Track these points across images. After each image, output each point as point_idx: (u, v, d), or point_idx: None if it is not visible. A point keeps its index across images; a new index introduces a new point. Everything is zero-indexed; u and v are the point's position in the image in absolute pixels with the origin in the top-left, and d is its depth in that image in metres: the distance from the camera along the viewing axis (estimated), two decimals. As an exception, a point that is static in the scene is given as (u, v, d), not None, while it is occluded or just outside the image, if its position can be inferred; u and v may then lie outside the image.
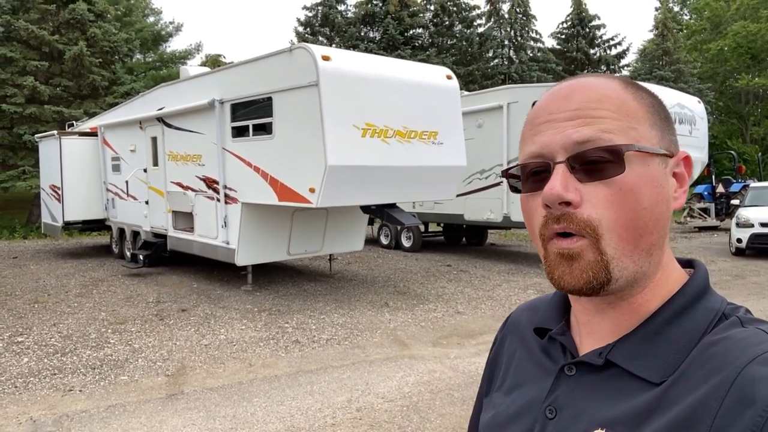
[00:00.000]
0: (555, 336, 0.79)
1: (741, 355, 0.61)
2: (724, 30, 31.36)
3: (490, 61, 30.73)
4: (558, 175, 0.66)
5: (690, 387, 0.62)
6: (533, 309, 0.89)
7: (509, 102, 10.94)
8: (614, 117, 0.67)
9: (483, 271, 10.89)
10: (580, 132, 0.67)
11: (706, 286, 0.72)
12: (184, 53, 30.04)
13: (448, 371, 5.45)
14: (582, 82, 0.71)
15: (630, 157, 0.66)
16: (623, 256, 0.66)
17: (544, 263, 0.71)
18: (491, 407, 0.85)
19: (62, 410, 4.60)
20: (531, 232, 0.73)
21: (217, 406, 4.66)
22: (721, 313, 0.69)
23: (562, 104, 0.69)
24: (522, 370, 0.83)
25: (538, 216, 0.70)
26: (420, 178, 8.13)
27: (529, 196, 0.71)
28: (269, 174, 7.86)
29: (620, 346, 0.70)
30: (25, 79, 17.57)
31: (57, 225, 12.95)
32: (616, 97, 0.69)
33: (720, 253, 13.21)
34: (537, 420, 0.74)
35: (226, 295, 8.70)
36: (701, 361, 0.64)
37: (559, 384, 0.74)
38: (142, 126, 10.92)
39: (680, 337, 0.67)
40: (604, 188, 0.66)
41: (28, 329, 6.95)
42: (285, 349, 6.16)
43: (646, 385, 0.66)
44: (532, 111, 0.74)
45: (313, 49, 7.13)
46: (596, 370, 0.71)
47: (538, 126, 0.71)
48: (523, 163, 0.72)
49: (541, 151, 0.69)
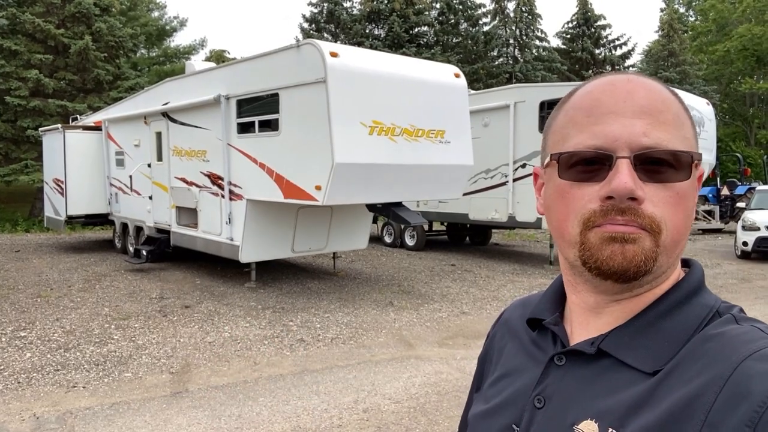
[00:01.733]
0: (548, 325, 0.79)
1: (737, 351, 0.61)
2: (730, 32, 31.22)
3: (495, 59, 30.63)
4: (625, 170, 0.66)
5: (684, 380, 0.62)
6: (526, 304, 0.90)
7: (516, 101, 10.87)
8: (675, 123, 0.69)
9: (487, 271, 10.83)
10: (648, 132, 0.67)
11: (701, 283, 0.73)
12: (189, 48, 29.98)
13: (455, 372, 5.40)
14: (642, 81, 0.70)
15: (693, 166, 0.68)
16: (667, 256, 0.68)
17: (579, 250, 0.69)
18: (482, 401, 0.85)
19: (66, 407, 4.55)
20: (563, 218, 0.71)
21: (222, 404, 4.61)
22: (715, 310, 0.70)
23: (628, 98, 0.68)
24: (512, 361, 0.83)
25: (583, 204, 0.68)
26: (427, 176, 8.07)
27: (573, 185, 0.70)
28: (275, 171, 7.80)
29: (613, 336, 0.70)
30: (30, 72, 17.51)
31: (60, 219, 12.91)
32: (674, 103, 0.70)
33: (725, 256, 13.14)
34: (525, 409, 0.74)
35: (230, 292, 8.65)
36: (696, 356, 0.64)
37: (548, 373, 0.75)
38: (147, 121, 10.86)
39: (673, 329, 0.68)
40: (663, 190, 0.67)
41: (30, 324, 6.91)
42: (290, 348, 6.12)
43: (637, 375, 0.66)
44: (583, 97, 0.72)
45: (321, 45, 7.06)
46: (587, 360, 0.71)
47: (599, 116, 0.69)
48: (578, 150, 0.69)
49: (604, 143, 0.68)
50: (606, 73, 0.73)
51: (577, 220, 0.69)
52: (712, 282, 9.86)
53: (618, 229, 0.66)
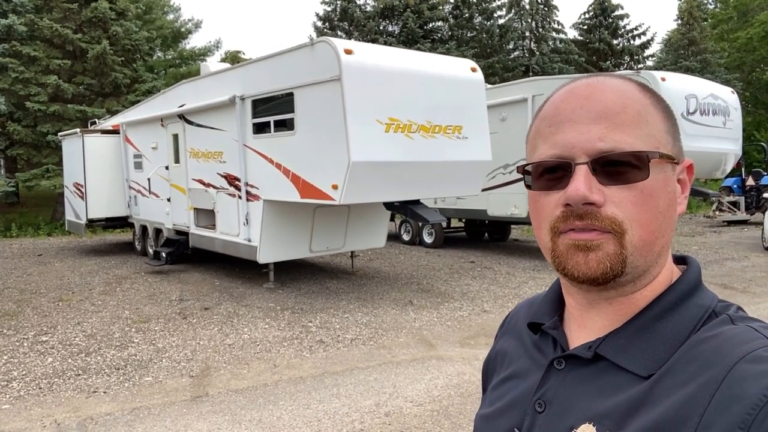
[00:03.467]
0: (547, 330, 0.80)
1: (731, 353, 0.61)
2: (752, 18, 30.50)
3: (511, 53, 30.29)
4: (581, 176, 0.67)
5: (678, 383, 0.62)
6: (531, 305, 0.90)
7: (534, 95, 10.69)
8: (635, 122, 0.68)
9: (508, 268, 10.68)
10: (603, 136, 0.67)
11: (697, 283, 0.73)
12: (204, 50, 30.16)
13: (477, 373, 5.29)
14: (602, 83, 0.70)
15: (653, 163, 0.67)
16: (639, 256, 0.67)
17: (551, 256, 0.72)
18: (486, 403, 0.86)
19: (86, 413, 4.54)
20: (537, 226, 0.74)
21: (243, 409, 4.56)
22: (711, 311, 0.69)
23: (584, 104, 0.69)
24: (515, 364, 0.84)
25: (550, 212, 0.70)
26: (444, 173, 7.95)
27: (541, 194, 0.72)
28: (291, 171, 7.74)
29: (610, 339, 0.71)
30: (49, 78, 17.71)
31: (80, 222, 13.04)
32: (636, 101, 0.69)
33: (752, 248, 12.81)
34: (527, 413, 0.75)
35: (249, 293, 8.63)
36: (690, 358, 0.64)
37: (548, 378, 0.75)
38: (164, 123, 10.90)
39: (669, 332, 0.68)
40: (626, 191, 0.67)
41: (52, 328, 6.95)
42: (309, 349, 6.06)
43: (634, 379, 0.66)
44: (547, 107, 0.74)
45: (336, 42, 6.98)
46: (585, 364, 0.72)
47: (557, 125, 0.70)
48: (540, 160, 0.71)
49: (562, 152, 0.69)
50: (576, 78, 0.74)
51: (547, 227, 0.71)
52: (741, 275, 9.60)
53: (580, 236, 0.68)
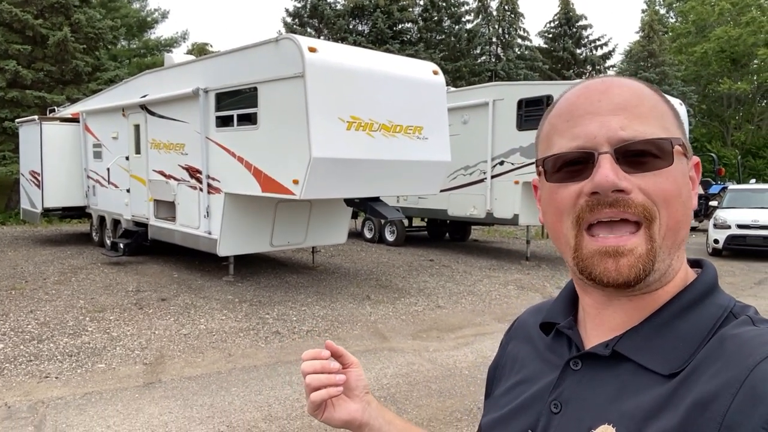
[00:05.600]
0: (562, 329, 0.79)
1: (753, 354, 0.61)
2: (709, 33, 31.75)
3: (478, 57, 30.82)
4: (607, 164, 0.66)
5: (701, 383, 0.62)
6: (539, 311, 0.89)
7: (495, 99, 10.99)
8: (653, 114, 0.69)
9: (465, 267, 10.96)
10: (625, 125, 0.68)
11: (714, 283, 0.72)
12: (170, 41, 29.65)
13: (426, 364, 5.50)
14: (617, 80, 0.72)
15: (675, 151, 0.68)
16: (666, 248, 0.68)
17: (573, 258, 0.70)
18: (496, 408, 0.85)
19: (38, 397, 4.56)
20: (556, 220, 0.72)
21: (195, 394, 4.66)
22: (729, 311, 0.69)
23: (601, 98, 0.70)
24: (527, 367, 0.83)
25: (572, 203, 0.69)
26: (404, 172, 8.16)
27: (560, 186, 0.71)
28: (253, 164, 7.83)
29: (628, 337, 0.70)
30: (7, 63, 17.24)
31: (36, 211, 12.77)
32: (650, 96, 0.71)
33: (697, 254, 13.36)
34: (542, 414, 0.74)
35: (207, 286, 8.66)
36: (714, 358, 0.64)
37: (564, 378, 0.74)
38: (125, 113, 10.80)
39: (688, 330, 0.68)
40: (652, 178, 0.67)
41: (4, 315, 6.87)
42: (265, 340, 6.17)
43: (655, 378, 0.66)
44: (561, 105, 0.74)
45: (300, 40, 7.10)
46: (602, 363, 0.71)
47: (576, 118, 0.71)
48: (561, 152, 0.71)
49: (584, 143, 0.69)
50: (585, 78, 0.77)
51: (570, 220, 0.70)
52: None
53: (609, 243, 0.67)
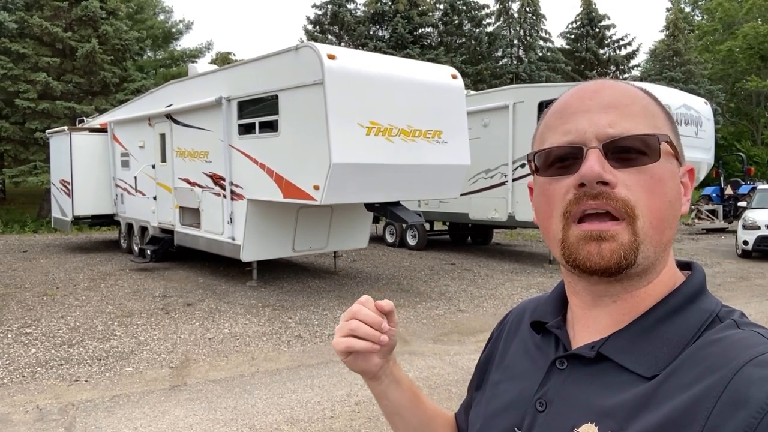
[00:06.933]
0: (551, 329, 0.80)
1: (737, 357, 0.61)
2: (736, 31, 31.14)
3: (499, 60, 30.72)
4: (594, 157, 0.68)
5: (684, 384, 0.62)
6: (532, 306, 0.90)
7: (515, 102, 10.97)
8: (643, 114, 0.71)
9: (487, 270, 10.93)
10: (613, 123, 0.69)
11: (701, 287, 0.73)
12: (195, 51, 30.22)
13: (447, 367, 5.52)
14: (609, 82, 0.74)
15: (662, 149, 0.69)
16: (649, 244, 0.68)
17: (560, 248, 0.72)
18: (484, 402, 0.86)
19: (68, 399, 4.71)
20: (547, 216, 0.74)
21: (219, 397, 4.75)
22: (715, 315, 0.69)
23: (593, 97, 0.72)
24: (515, 364, 0.84)
25: (562, 197, 0.71)
26: (424, 176, 8.19)
27: (552, 180, 0.72)
28: (275, 171, 7.95)
29: (613, 340, 0.71)
30: (38, 75, 17.80)
31: (67, 219, 13.13)
32: (642, 98, 0.73)
33: (726, 255, 13.17)
34: (527, 413, 0.75)
35: (231, 291, 8.81)
36: (696, 360, 0.64)
37: (550, 377, 0.75)
38: (151, 122, 11.06)
39: (673, 334, 0.68)
40: (637, 174, 0.68)
41: (36, 321, 7.09)
42: (287, 344, 6.25)
43: (637, 379, 0.66)
44: (556, 105, 0.76)
45: (319, 47, 7.20)
46: (588, 364, 0.72)
47: (568, 116, 0.72)
48: (552, 146, 0.73)
49: (574, 138, 0.71)
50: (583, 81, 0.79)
51: (559, 213, 0.71)
52: (711, 280, 9.91)
53: (593, 227, 0.68)
